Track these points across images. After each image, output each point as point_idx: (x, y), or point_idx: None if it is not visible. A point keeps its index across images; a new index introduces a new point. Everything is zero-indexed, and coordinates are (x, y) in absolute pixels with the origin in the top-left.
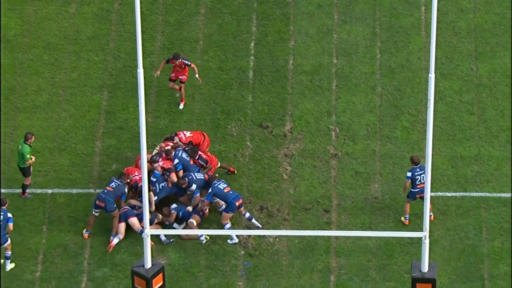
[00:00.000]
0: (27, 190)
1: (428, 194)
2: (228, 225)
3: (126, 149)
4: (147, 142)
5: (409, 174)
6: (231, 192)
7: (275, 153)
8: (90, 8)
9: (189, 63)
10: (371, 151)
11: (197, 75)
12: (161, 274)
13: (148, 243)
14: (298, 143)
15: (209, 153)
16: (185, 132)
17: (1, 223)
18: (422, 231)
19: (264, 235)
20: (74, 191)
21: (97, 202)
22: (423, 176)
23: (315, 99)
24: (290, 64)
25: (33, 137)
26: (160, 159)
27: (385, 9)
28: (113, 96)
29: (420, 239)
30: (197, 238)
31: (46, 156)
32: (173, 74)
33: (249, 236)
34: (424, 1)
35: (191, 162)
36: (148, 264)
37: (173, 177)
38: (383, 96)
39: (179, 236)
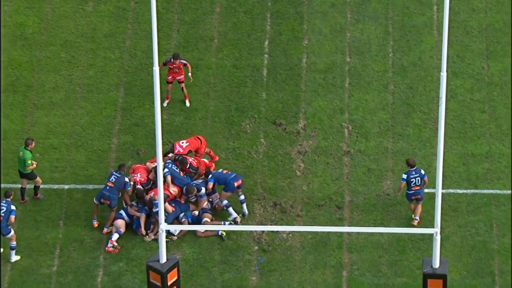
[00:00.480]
0: (40, 186)
1: (439, 191)
2: (225, 202)
3: (142, 145)
4: (162, 139)
5: (404, 176)
6: (229, 173)
7: (288, 150)
8: (107, 7)
9: (186, 62)
10: (384, 149)
11: (190, 74)
12: (176, 269)
13: (163, 238)
14: (311, 140)
15: (199, 157)
16: (180, 142)
17: (3, 214)
18: (433, 227)
19: (277, 231)
20: (91, 186)
21: (101, 200)
22: (418, 179)
23: (328, 97)
24: (304, 62)
25: (34, 142)
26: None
27: (398, 8)
28: (129, 94)
29: (431, 235)
30: (212, 235)
31: (63, 152)
32: (170, 77)
33: (263, 232)
34: (436, 0)
35: (182, 174)
36: (163, 259)
37: (168, 208)
38: (395, 94)
39: (195, 234)
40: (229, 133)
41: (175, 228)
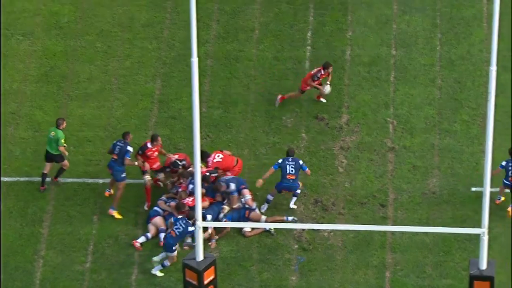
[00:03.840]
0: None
1: (487, 190)
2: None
3: (179, 139)
4: (200, 132)
5: (503, 163)
6: (291, 181)
7: (330, 146)
8: None
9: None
10: (430, 145)
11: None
12: (213, 267)
13: (200, 236)
14: (355, 136)
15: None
16: (217, 155)
17: (178, 233)
18: (480, 227)
19: (318, 229)
20: (126, 181)
21: (108, 169)
22: None
23: (373, 91)
24: (348, 55)
25: (65, 122)
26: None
27: (446, 0)
28: (166, 85)
29: (478, 235)
30: (260, 233)
31: (97, 145)
32: (313, 84)
33: (303, 230)
34: None
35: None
36: (200, 257)
37: (204, 204)
38: (442, 88)
39: (243, 234)
40: (269, 128)
41: (211, 225)
